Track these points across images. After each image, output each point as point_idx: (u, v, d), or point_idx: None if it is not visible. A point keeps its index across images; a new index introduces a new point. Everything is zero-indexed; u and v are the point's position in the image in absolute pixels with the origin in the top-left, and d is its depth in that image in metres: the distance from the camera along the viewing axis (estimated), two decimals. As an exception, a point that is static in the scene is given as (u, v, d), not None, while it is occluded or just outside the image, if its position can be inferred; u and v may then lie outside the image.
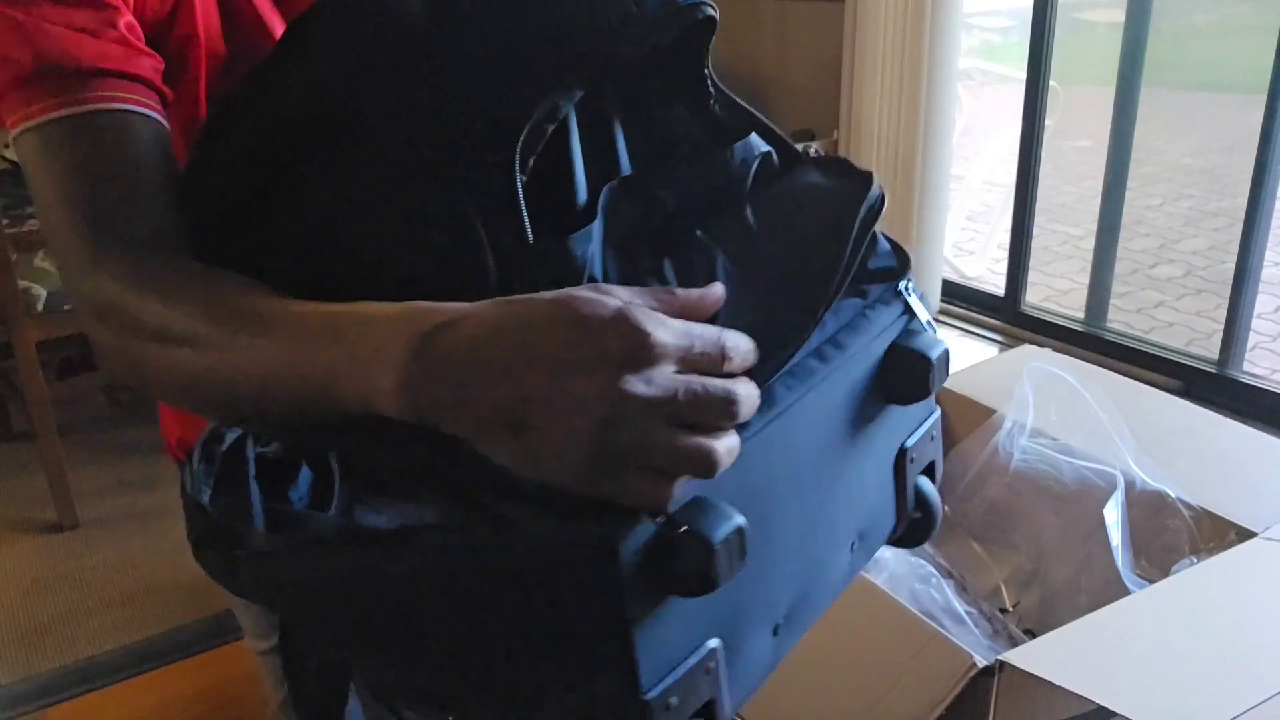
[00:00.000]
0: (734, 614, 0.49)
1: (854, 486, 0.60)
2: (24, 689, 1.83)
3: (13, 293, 2.08)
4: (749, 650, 0.51)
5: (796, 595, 0.55)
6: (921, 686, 0.98)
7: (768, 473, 0.50)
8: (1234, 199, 4.30)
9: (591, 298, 0.41)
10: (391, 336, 0.43)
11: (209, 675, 1.86)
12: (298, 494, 0.58)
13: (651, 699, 0.43)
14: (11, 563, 2.20)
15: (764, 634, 0.52)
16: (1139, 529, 1.24)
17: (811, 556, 0.57)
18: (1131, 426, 1.32)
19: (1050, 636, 0.99)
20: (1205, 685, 0.89)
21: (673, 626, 0.45)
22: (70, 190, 0.57)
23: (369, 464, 0.56)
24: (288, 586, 0.54)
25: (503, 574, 0.44)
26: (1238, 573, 1.05)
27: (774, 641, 0.53)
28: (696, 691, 0.46)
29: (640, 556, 0.42)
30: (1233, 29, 5.87)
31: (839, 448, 0.57)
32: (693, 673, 0.46)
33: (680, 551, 0.42)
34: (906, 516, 0.65)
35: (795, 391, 0.52)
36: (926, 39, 2.45)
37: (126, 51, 0.60)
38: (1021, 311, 2.64)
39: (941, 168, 2.59)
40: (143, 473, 2.48)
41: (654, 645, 0.44)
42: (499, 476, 0.43)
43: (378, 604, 0.50)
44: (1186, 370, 2.25)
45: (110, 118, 0.58)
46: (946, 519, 1.44)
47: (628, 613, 0.42)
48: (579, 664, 0.45)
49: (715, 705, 0.47)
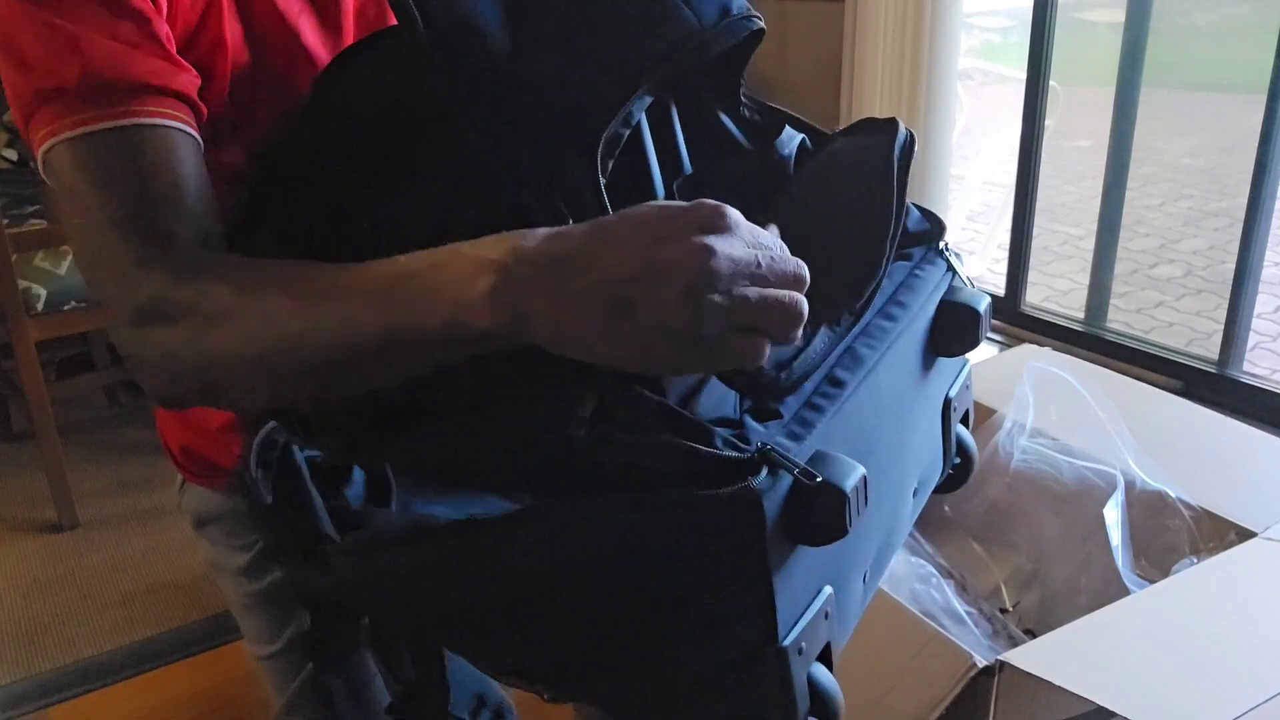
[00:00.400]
0: (841, 562, 0.52)
1: (917, 436, 0.64)
2: (24, 689, 1.83)
3: (13, 293, 2.08)
4: (848, 596, 0.54)
5: (881, 543, 0.59)
6: (921, 686, 0.98)
7: (862, 428, 0.54)
8: (1234, 199, 4.30)
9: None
10: (485, 247, 0.46)
11: (209, 675, 1.86)
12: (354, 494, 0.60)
13: (788, 645, 0.46)
14: (11, 563, 2.20)
15: (859, 581, 0.56)
16: (1139, 529, 1.24)
17: (892, 506, 0.61)
18: (1131, 426, 1.32)
19: (1050, 636, 0.98)
20: (1205, 685, 0.89)
21: (799, 575, 0.47)
22: (111, 200, 0.56)
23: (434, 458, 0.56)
24: (385, 580, 0.56)
25: (641, 537, 0.46)
26: (1238, 573, 1.05)
27: (863, 589, 0.57)
28: (819, 636, 0.49)
29: (779, 508, 0.45)
30: (1233, 29, 5.87)
31: (908, 401, 0.62)
32: (816, 618, 0.49)
33: (816, 501, 0.45)
34: (950, 463, 0.70)
35: (876, 350, 0.56)
36: (926, 39, 2.45)
37: (168, 67, 0.60)
38: (1021, 311, 2.64)
39: (941, 168, 2.59)
40: (143, 473, 2.48)
41: (788, 593, 0.46)
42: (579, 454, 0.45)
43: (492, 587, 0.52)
44: (1186, 370, 2.25)
45: (151, 133, 0.58)
46: (946, 519, 1.44)
47: (770, 562, 0.44)
48: (717, 618, 0.47)
49: (830, 649, 0.51)
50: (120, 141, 0.57)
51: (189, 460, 0.89)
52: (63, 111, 0.57)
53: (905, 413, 0.62)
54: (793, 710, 0.47)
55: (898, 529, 0.62)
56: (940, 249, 0.67)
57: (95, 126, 0.57)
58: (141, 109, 0.58)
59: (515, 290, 0.44)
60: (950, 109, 2.54)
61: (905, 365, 0.61)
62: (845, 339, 0.56)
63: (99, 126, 0.57)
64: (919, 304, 0.62)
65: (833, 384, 0.53)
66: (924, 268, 0.65)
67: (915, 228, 0.67)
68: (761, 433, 0.49)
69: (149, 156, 0.58)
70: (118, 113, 0.57)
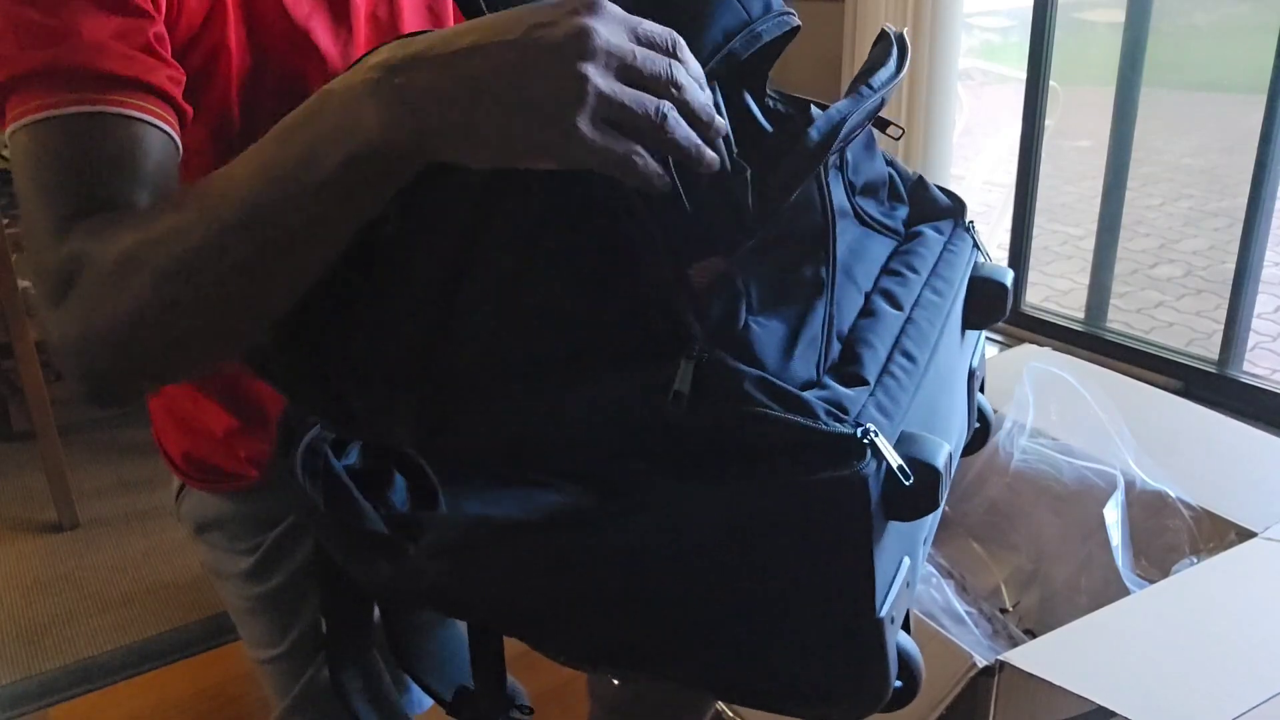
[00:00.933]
0: (916, 534, 0.55)
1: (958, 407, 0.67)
2: (24, 689, 1.83)
3: (13, 293, 2.09)
4: (918, 566, 0.56)
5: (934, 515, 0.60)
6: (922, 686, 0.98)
7: (932, 403, 0.57)
8: (1234, 199, 4.30)
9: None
10: (353, 73, 0.47)
11: (209, 675, 1.86)
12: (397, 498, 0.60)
13: (883, 615, 0.48)
14: (11, 563, 2.20)
15: (923, 550, 0.59)
16: (1139, 529, 1.24)
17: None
18: (1131, 426, 1.32)
19: (1050, 636, 0.98)
20: (1205, 685, 0.89)
21: (890, 549, 0.49)
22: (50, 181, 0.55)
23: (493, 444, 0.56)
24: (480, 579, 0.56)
25: (751, 517, 0.48)
26: (1238, 573, 1.05)
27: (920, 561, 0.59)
28: (903, 605, 0.51)
29: (880, 488, 0.46)
30: (1233, 29, 5.86)
31: (955, 373, 0.65)
32: (901, 588, 0.50)
33: (913, 478, 0.47)
34: (972, 428, 0.73)
35: (935, 325, 0.59)
36: (926, 39, 2.45)
37: (148, 61, 0.59)
38: (1021, 311, 2.64)
39: (941, 168, 2.59)
40: (143, 473, 2.48)
41: (882, 567, 0.48)
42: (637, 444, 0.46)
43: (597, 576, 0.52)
44: (1186, 370, 2.25)
45: (116, 123, 0.57)
46: (946, 519, 1.44)
47: (872, 539, 0.46)
48: (820, 593, 0.48)
49: (909, 616, 0.53)
50: (80, 126, 0.56)
51: (191, 466, 0.88)
52: (27, 96, 0.56)
53: (955, 384, 0.65)
54: (887, 676, 0.49)
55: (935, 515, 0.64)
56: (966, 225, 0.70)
57: (57, 111, 0.56)
58: (108, 98, 0.57)
59: (401, 94, 0.45)
60: (950, 109, 2.54)
61: (954, 339, 0.64)
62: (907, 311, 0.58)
63: (62, 111, 0.56)
64: (959, 278, 0.65)
65: (906, 357, 0.54)
66: (955, 243, 0.68)
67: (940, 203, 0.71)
68: (852, 399, 0.49)
69: (110, 145, 0.57)
70: (85, 99, 0.56)
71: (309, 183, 0.47)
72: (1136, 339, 2.43)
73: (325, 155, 0.47)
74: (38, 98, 0.56)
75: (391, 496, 0.61)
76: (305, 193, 0.48)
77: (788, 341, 0.51)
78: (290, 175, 0.48)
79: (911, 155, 2.56)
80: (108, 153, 0.57)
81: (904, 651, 0.51)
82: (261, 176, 0.49)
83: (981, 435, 0.76)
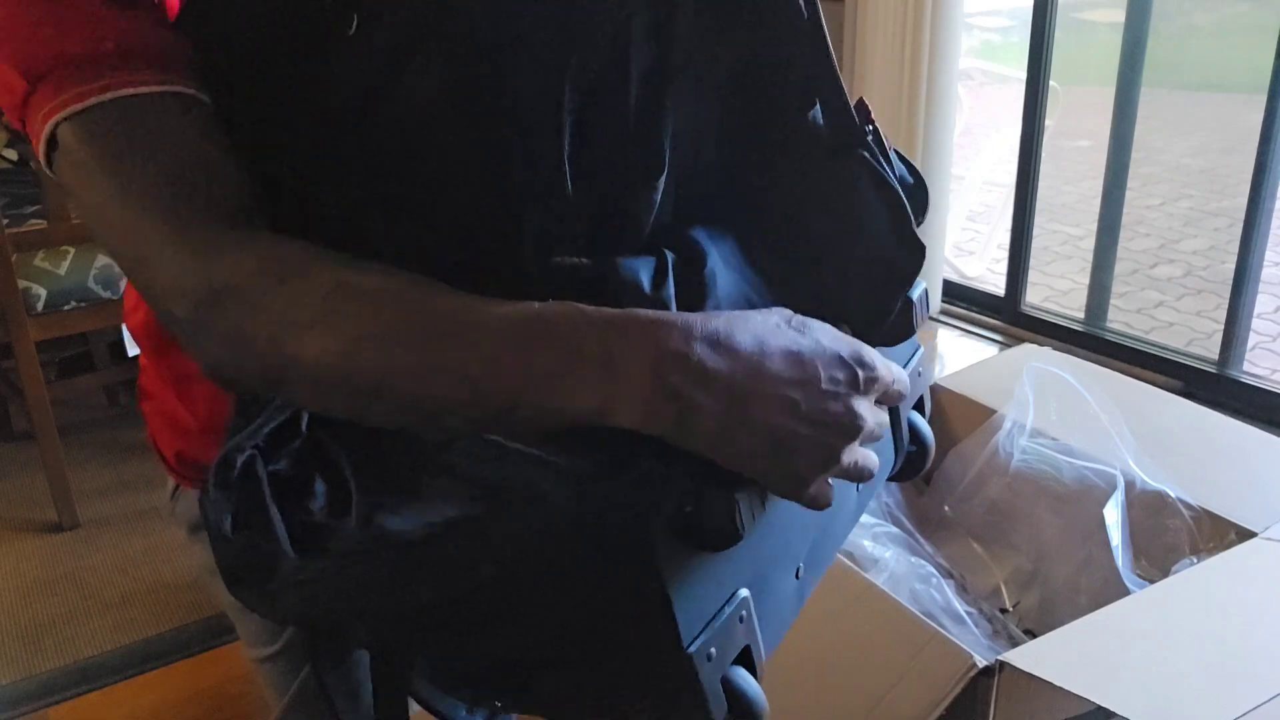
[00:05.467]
0: (758, 563, 0.52)
1: None
2: (24, 689, 1.82)
3: (13, 293, 2.08)
4: (776, 596, 0.55)
5: (814, 538, 0.59)
6: (921, 686, 0.98)
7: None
8: (1234, 199, 4.30)
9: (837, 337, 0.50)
10: (643, 359, 0.45)
11: (209, 675, 1.85)
12: (316, 505, 0.59)
13: (693, 651, 0.46)
14: (11, 563, 2.20)
15: (788, 578, 0.56)
16: (1139, 529, 1.24)
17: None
18: (1131, 426, 1.32)
19: (1050, 636, 0.98)
20: (1205, 685, 0.89)
21: (704, 581, 0.48)
22: (133, 173, 0.52)
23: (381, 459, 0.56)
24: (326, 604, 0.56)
25: (542, 552, 0.47)
26: (1238, 573, 1.05)
27: (797, 584, 0.57)
28: (733, 640, 0.49)
29: (668, 518, 0.45)
30: (1233, 29, 5.87)
31: None
32: (728, 622, 0.49)
33: (705, 509, 0.46)
34: (903, 452, 0.69)
35: None
36: (926, 39, 2.45)
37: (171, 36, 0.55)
38: (1021, 311, 2.64)
39: (942, 168, 2.59)
40: (143, 473, 2.48)
41: (690, 600, 0.47)
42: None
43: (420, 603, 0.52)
44: (1186, 370, 2.25)
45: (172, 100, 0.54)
46: (946, 519, 1.44)
47: (664, 572, 0.45)
48: (623, 627, 0.48)
49: (752, 651, 0.51)
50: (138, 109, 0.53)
51: (183, 465, 0.88)
52: (63, 87, 0.53)
53: None
54: (706, 713, 0.48)
55: (838, 521, 0.63)
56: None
57: (102, 97, 0.52)
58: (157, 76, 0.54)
59: (681, 409, 0.45)
60: (950, 109, 2.54)
61: None
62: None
63: (106, 97, 0.52)
64: None
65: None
66: None
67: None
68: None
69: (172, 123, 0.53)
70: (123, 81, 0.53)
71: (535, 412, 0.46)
72: (1136, 339, 2.43)
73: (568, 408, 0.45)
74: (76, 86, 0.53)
75: (311, 504, 0.59)
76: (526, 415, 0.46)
77: None
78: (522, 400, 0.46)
79: (911, 155, 2.56)
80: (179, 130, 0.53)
81: (739, 691, 0.49)
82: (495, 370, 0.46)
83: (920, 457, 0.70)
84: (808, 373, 0.46)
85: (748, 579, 0.51)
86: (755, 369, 0.46)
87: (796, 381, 0.46)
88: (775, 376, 0.46)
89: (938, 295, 2.74)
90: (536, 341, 0.45)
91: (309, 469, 0.60)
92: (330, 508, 0.58)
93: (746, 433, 0.45)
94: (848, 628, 1.07)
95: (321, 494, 0.59)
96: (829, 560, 0.62)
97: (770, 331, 0.47)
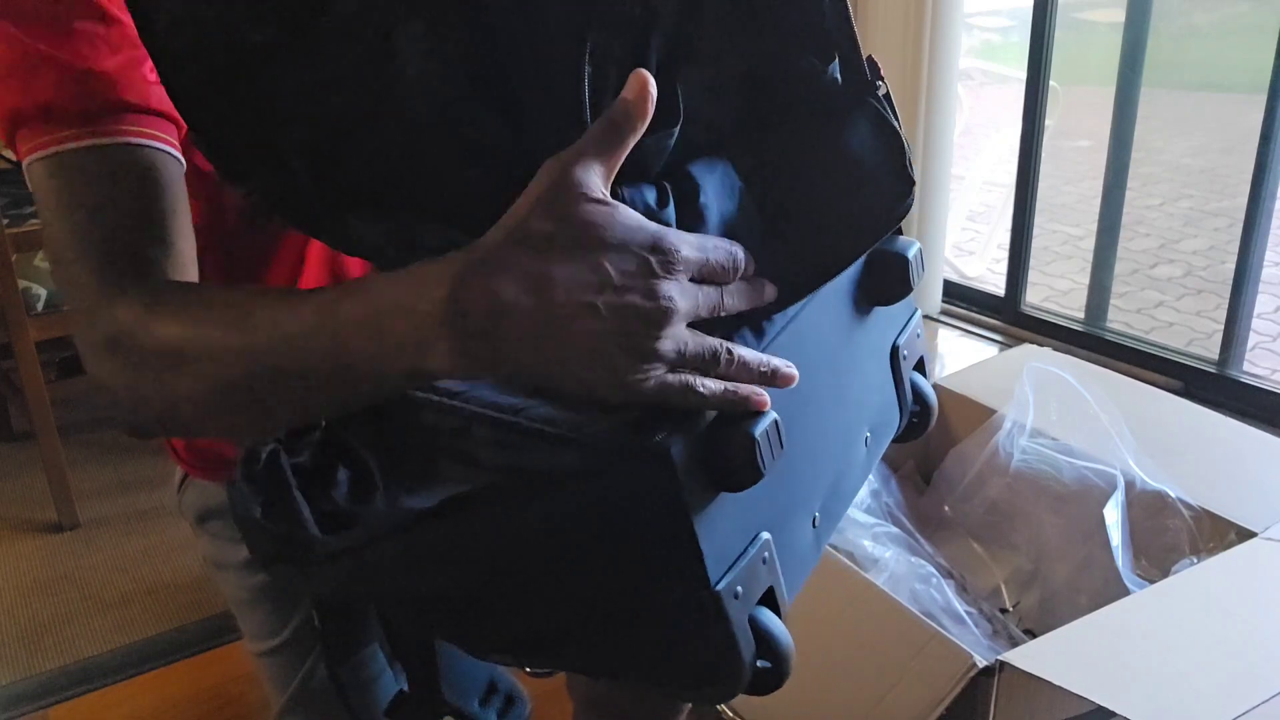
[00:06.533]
0: (778, 507, 0.54)
1: (860, 385, 0.65)
2: (24, 689, 1.83)
3: (13, 293, 2.08)
4: (795, 542, 0.56)
5: (828, 488, 0.60)
6: (921, 686, 0.98)
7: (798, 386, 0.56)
8: (1234, 199, 4.30)
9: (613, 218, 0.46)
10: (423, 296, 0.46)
11: (209, 675, 1.86)
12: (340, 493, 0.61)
13: (721, 589, 0.47)
14: (11, 563, 2.20)
15: (806, 526, 0.57)
16: (1139, 529, 1.24)
17: (835, 452, 0.62)
18: (1131, 426, 1.32)
19: (1050, 636, 0.99)
20: (1205, 685, 0.89)
21: (728, 522, 0.49)
22: (83, 222, 0.56)
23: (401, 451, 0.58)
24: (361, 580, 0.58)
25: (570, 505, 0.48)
26: (1238, 573, 1.05)
27: (814, 533, 0.58)
28: (758, 580, 0.50)
29: (691, 456, 0.46)
30: (1233, 29, 5.87)
31: (842, 349, 0.63)
32: (752, 562, 0.50)
33: (727, 446, 0.47)
34: (907, 411, 0.71)
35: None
36: (926, 39, 2.45)
37: (155, 87, 0.59)
38: (1021, 311, 2.64)
39: (942, 168, 2.59)
40: (143, 473, 2.48)
41: (715, 540, 0.48)
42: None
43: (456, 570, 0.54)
44: (1186, 370, 2.25)
45: (132, 153, 0.57)
46: (946, 519, 1.44)
47: (690, 509, 0.46)
48: (655, 572, 0.49)
49: (776, 592, 0.52)
50: (96, 159, 0.57)
51: (193, 455, 0.89)
52: (45, 128, 0.57)
53: (843, 360, 0.63)
54: (737, 652, 0.48)
55: (849, 475, 0.64)
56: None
57: (73, 145, 0.56)
58: (122, 128, 0.57)
59: (469, 343, 0.45)
60: (950, 109, 2.54)
61: (834, 314, 0.62)
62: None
63: (78, 145, 0.56)
64: None
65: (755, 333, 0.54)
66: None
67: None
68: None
69: (128, 176, 0.57)
70: (99, 131, 0.57)
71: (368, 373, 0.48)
72: (1136, 339, 2.43)
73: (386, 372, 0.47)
74: (51, 130, 0.56)
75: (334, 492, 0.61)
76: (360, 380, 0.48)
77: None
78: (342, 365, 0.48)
79: (912, 155, 2.56)
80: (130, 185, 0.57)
81: (763, 628, 0.50)
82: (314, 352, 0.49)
83: (923, 419, 0.72)
84: (600, 275, 0.45)
85: (768, 522, 0.52)
86: (543, 287, 0.45)
87: (589, 285, 0.45)
88: (567, 286, 0.45)
89: (938, 295, 2.74)
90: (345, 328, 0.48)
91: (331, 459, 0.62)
92: (353, 494, 0.60)
93: (563, 351, 0.45)
94: (848, 628, 1.07)
95: (345, 481, 0.61)
96: (842, 512, 0.64)
97: (554, 249, 0.46)
